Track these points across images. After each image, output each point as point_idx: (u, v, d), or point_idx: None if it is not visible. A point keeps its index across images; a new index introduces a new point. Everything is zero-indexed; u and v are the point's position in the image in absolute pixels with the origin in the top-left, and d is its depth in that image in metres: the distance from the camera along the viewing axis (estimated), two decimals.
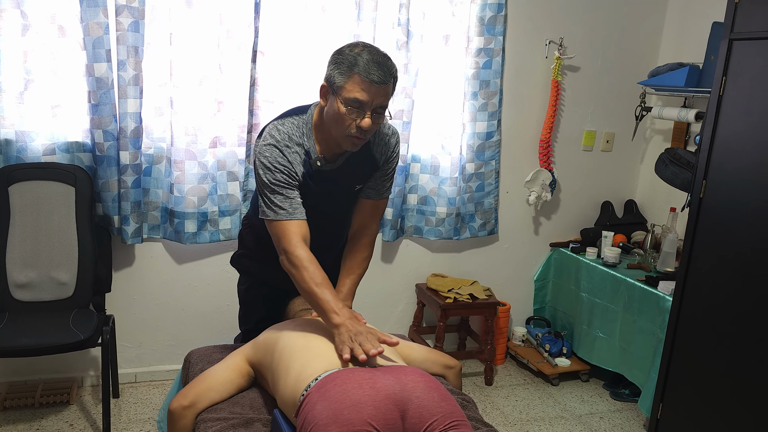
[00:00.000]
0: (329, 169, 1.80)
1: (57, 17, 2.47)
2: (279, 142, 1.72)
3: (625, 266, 3.14)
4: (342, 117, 1.62)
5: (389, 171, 1.93)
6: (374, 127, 1.66)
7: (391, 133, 1.90)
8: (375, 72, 1.59)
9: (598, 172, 3.54)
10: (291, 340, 1.55)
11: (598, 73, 3.38)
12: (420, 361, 1.79)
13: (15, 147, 2.52)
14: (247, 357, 1.63)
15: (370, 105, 1.61)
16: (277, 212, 1.70)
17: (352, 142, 1.66)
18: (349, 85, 1.60)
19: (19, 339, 2.22)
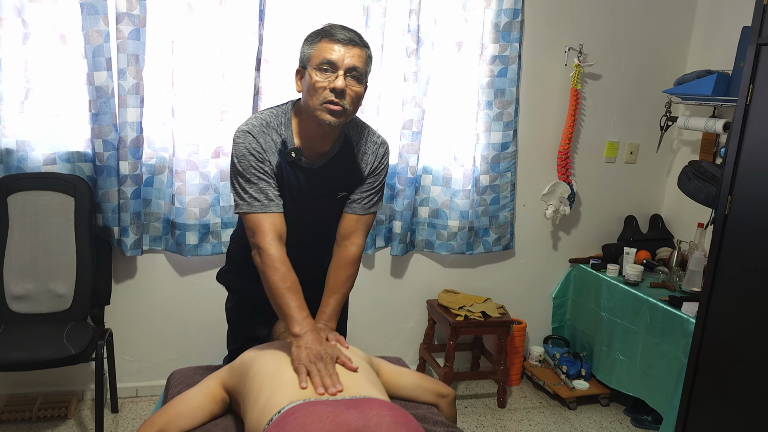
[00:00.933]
0: (309, 167, 1.72)
1: (58, 25, 2.43)
2: (254, 128, 1.68)
3: (648, 285, 2.97)
4: (315, 83, 1.59)
5: (376, 184, 1.83)
6: (352, 95, 1.61)
7: (380, 142, 1.82)
8: (341, 32, 1.61)
9: (621, 185, 3.37)
10: (264, 366, 1.45)
11: (620, 81, 3.22)
12: (410, 388, 1.67)
13: (16, 156, 2.49)
14: (222, 381, 1.53)
15: (341, 64, 1.58)
16: (251, 204, 1.65)
17: (329, 110, 1.60)
18: (317, 50, 1.61)
19: (10, 353, 2.17)
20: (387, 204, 2.96)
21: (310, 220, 1.81)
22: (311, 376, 1.44)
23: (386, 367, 1.69)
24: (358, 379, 1.44)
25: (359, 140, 1.79)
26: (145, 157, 2.63)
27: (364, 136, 1.80)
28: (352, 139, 1.78)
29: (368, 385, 1.43)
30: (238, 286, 1.86)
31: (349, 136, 1.78)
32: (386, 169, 1.85)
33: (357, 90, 1.63)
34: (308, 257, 1.84)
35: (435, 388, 1.70)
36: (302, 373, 1.44)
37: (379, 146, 1.81)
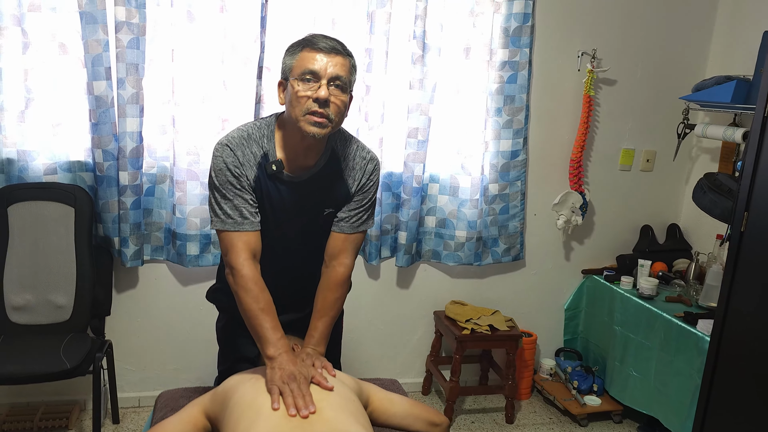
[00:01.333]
0: (292, 181, 1.66)
1: (57, 35, 2.41)
2: (233, 140, 1.63)
3: (663, 299, 2.86)
4: (297, 94, 1.54)
5: (365, 202, 1.76)
6: (336, 105, 1.56)
7: (369, 158, 1.75)
8: (323, 41, 1.57)
9: (637, 194, 3.26)
10: (244, 396, 1.40)
11: (636, 86, 3.11)
12: (401, 416, 1.60)
13: (17, 166, 2.48)
14: (204, 409, 1.49)
15: (324, 73, 1.54)
16: (225, 221, 1.62)
17: (312, 121, 1.54)
18: (298, 60, 1.56)
19: (5, 366, 2.16)
20: (392, 214, 2.90)
21: (295, 238, 1.75)
22: (284, 397, 1.40)
23: (376, 394, 1.63)
24: (338, 413, 1.38)
25: (347, 155, 1.72)
26: (146, 166, 2.60)
27: (352, 151, 1.73)
28: (339, 153, 1.72)
29: (348, 419, 1.37)
30: (226, 305, 1.81)
31: (336, 150, 1.72)
32: (376, 186, 1.78)
33: (341, 99, 1.58)
34: (294, 276, 1.79)
35: (427, 417, 1.63)
36: (275, 394, 1.41)
37: (367, 162, 1.75)
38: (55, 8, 2.38)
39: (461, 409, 3.04)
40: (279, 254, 1.73)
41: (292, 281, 1.79)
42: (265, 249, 1.69)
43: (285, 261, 1.76)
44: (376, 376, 3.07)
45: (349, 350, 3.01)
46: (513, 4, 2.79)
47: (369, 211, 1.79)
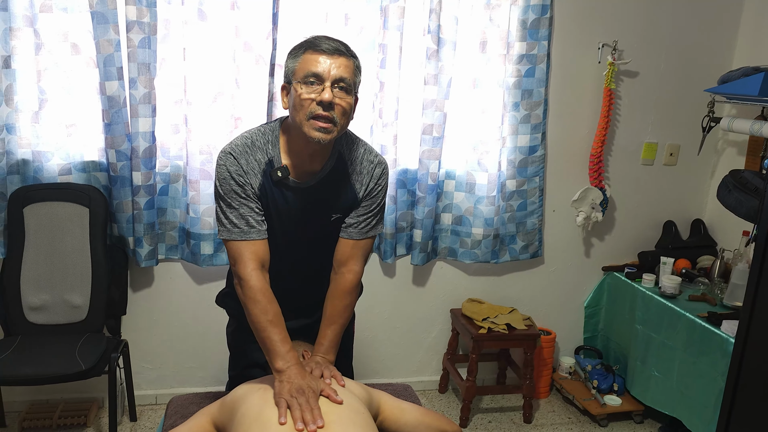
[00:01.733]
0: (298, 187, 1.63)
1: (69, 35, 2.41)
2: (236, 148, 1.60)
3: (686, 297, 2.78)
4: (301, 97, 1.51)
5: (374, 207, 1.72)
6: (341, 108, 1.52)
7: (377, 162, 1.71)
8: (324, 42, 1.53)
9: (659, 189, 3.17)
10: (251, 408, 1.38)
11: (659, 78, 3.01)
12: (412, 425, 1.57)
13: (32, 167, 2.49)
14: (213, 418, 1.47)
15: (327, 76, 1.50)
16: (231, 230, 1.60)
17: (317, 127, 1.51)
18: (301, 63, 1.53)
19: (21, 368, 2.17)
20: (408, 211, 2.86)
21: (303, 245, 1.73)
22: (291, 411, 1.37)
23: (387, 402, 1.60)
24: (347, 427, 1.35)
25: (354, 159, 1.69)
26: (159, 166, 2.59)
27: (359, 155, 1.70)
28: (345, 157, 1.68)
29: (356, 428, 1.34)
30: (236, 311, 1.80)
31: (342, 153, 1.68)
32: (384, 190, 1.75)
33: (346, 102, 1.54)
34: (303, 282, 1.77)
35: (438, 425, 1.60)
36: (282, 407, 1.38)
37: (375, 166, 1.70)
38: (66, 8, 2.37)
39: (478, 407, 3.01)
40: (288, 261, 1.71)
41: (301, 287, 1.76)
42: (274, 256, 1.66)
43: (294, 267, 1.74)
44: (392, 375, 3.07)
45: (365, 348, 3.00)
46: None
47: (378, 216, 1.75)
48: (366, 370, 3.03)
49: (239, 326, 1.81)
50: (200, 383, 2.87)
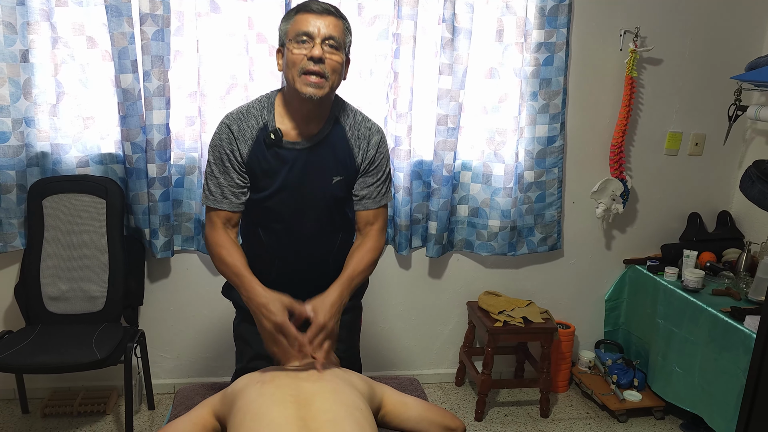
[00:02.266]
0: (293, 148, 1.68)
1: (85, 28, 2.43)
2: (231, 116, 1.70)
3: (709, 291, 2.71)
4: (293, 53, 1.59)
5: (381, 176, 1.78)
6: (332, 63, 1.59)
7: (375, 129, 1.78)
8: (315, 4, 1.62)
9: (684, 179, 3.08)
10: (248, 402, 1.38)
11: (684, 66, 2.92)
12: (415, 420, 1.56)
13: (51, 159, 2.53)
14: (214, 410, 1.48)
15: (317, 34, 1.58)
16: (208, 197, 1.71)
17: (308, 82, 1.58)
18: (293, 24, 1.61)
19: (39, 356, 2.22)
20: (423, 203, 2.83)
21: (307, 213, 1.74)
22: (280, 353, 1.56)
23: (391, 397, 1.59)
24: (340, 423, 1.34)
25: (351, 124, 1.75)
26: (174, 158, 2.61)
27: (357, 121, 1.76)
28: (343, 122, 1.74)
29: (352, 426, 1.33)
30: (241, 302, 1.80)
31: (340, 119, 1.74)
32: (386, 158, 1.80)
33: (335, 58, 1.61)
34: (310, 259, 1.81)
35: (442, 421, 1.58)
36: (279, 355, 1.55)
37: (373, 133, 1.76)
38: (82, 2, 2.40)
39: (495, 401, 2.98)
40: (294, 234, 1.75)
41: (308, 264, 1.80)
42: (279, 230, 1.73)
43: (300, 241, 1.77)
44: (408, 367, 3.07)
45: (380, 340, 2.99)
46: None
47: (387, 183, 1.81)
48: (382, 361, 3.02)
49: (244, 318, 1.82)
50: (216, 373, 2.90)
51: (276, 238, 1.77)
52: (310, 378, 1.49)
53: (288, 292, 1.63)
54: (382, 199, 1.80)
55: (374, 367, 2.99)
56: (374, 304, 2.95)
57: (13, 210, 2.50)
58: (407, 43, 2.57)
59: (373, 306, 2.95)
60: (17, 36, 2.34)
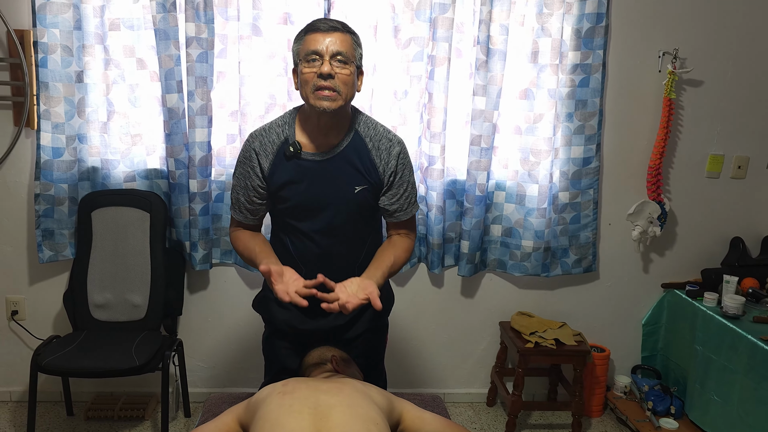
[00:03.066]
0: (314, 160, 1.75)
1: (135, 50, 2.57)
2: (256, 132, 1.82)
3: (750, 318, 2.63)
4: (304, 73, 1.68)
5: (406, 186, 1.84)
6: (342, 77, 1.66)
7: (395, 141, 1.83)
8: (322, 23, 1.69)
9: (726, 203, 3.01)
10: (268, 411, 1.43)
11: (726, 87, 2.87)
12: None
13: (100, 174, 2.67)
14: (238, 417, 1.53)
15: (325, 51, 1.65)
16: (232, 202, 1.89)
17: (321, 96, 1.66)
18: (303, 45, 1.69)
19: (81, 361, 2.34)
20: (456, 222, 2.85)
21: (332, 225, 1.79)
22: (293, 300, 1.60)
23: (410, 412, 1.61)
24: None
25: (372, 136, 1.80)
26: (215, 174, 2.72)
27: (378, 133, 1.81)
28: (363, 134, 1.80)
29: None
30: (269, 314, 1.86)
31: (360, 132, 1.80)
32: (410, 169, 1.86)
33: (345, 72, 1.67)
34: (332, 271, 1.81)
35: None
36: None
37: (394, 144, 1.81)
38: (133, 26, 2.54)
39: (526, 423, 2.95)
40: (319, 242, 1.80)
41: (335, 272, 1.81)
42: (305, 239, 1.80)
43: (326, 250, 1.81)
44: (439, 385, 3.07)
45: (412, 358, 3.01)
46: (585, 4, 2.66)
47: (413, 193, 1.88)
48: (412, 379, 3.04)
49: (273, 332, 1.88)
50: (251, 384, 2.96)
51: (302, 246, 1.82)
52: (330, 391, 1.52)
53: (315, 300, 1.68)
54: (411, 209, 1.87)
55: (405, 384, 3.01)
56: (406, 321, 2.98)
57: (64, 221, 2.64)
58: (442, 65, 2.61)
59: (404, 323, 2.98)
60: (73, 58, 2.50)
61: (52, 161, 2.56)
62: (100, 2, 2.50)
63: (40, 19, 2.44)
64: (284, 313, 1.82)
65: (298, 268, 1.83)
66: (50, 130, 2.53)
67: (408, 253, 1.87)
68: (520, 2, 2.66)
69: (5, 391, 2.91)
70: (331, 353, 1.77)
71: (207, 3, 2.49)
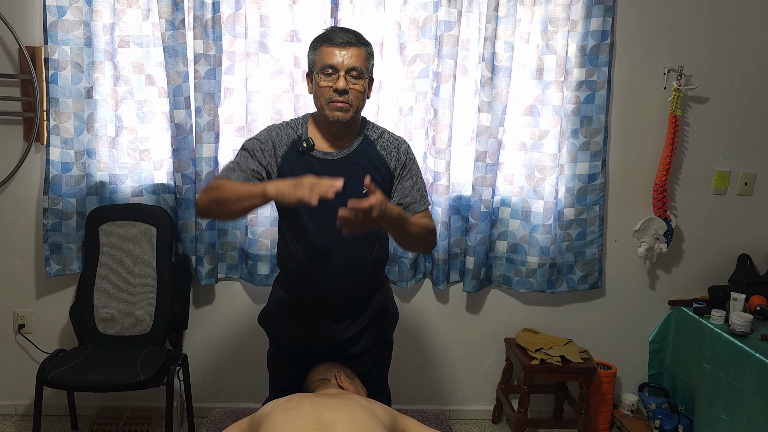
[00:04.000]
0: (325, 158, 1.82)
1: (144, 67, 2.60)
2: (270, 126, 1.89)
3: (758, 336, 2.61)
4: (320, 85, 1.75)
5: (417, 179, 1.90)
6: (355, 92, 1.75)
7: (402, 140, 1.94)
8: (339, 36, 1.75)
9: (733, 220, 3.00)
10: (272, 426, 1.43)
11: (732, 104, 2.87)
12: None
13: (108, 189, 2.69)
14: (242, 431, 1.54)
15: (341, 66, 1.73)
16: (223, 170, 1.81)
17: (335, 107, 1.74)
18: (319, 56, 1.77)
19: (87, 375, 2.34)
20: (461, 237, 2.86)
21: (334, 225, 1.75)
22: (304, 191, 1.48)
23: (413, 429, 1.61)
24: None
25: (378, 138, 1.90)
26: None
27: (385, 137, 1.91)
28: (370, 137, 1.89)
29: None
30: (274, 329, 1.87)
31: (368, 136, 1.89)
32: (416, 163, 1.94)
33: (358, 87, 1.77)
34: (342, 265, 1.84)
35: None
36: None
37: (401, 142, 1.92)
38: (142, 43, 2.57)
39: None
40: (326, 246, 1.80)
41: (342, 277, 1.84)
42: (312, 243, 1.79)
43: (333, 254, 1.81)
44: (444, 402, 3.06)
45: (417, 374, 3.00)
46: (590, 22, 2.68)
47: (423, 186, 1.93)
48: (417, 395, 3.03)
49: (277, 349, 1.88)
50: (255, 399, 2.94)
51: (310, 251, 1.82)
52: (334, 407, 1.53)
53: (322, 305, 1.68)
54: (425, 201, 1.90)
55: (409, 400, 3.00)
56: (411, 337, 2.98)
57: (72, 235, 2.66)
58: (447, 82, 2.63)
59: (409, 339, 2.97)
60: (83, 74, 2.53)
61: (61, 176, 2.58)
62: (111, 20, 2.53)
63: (52, 36, 2.48)
64: (289, 328, 1.83)
65: (305, 274, 1.83)
66: (59, 145, 2.56)
67: (425, 229, 1.80)
68: (525, 20, 2.69)
69: (10, 405, 2.91)
70: (335, 369, 1.78)
71: (215, 21, 2.52)
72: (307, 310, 1.83)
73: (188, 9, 2.54)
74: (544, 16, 2.67)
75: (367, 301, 1.90)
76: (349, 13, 2.62)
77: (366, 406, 1.56)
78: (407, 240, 1.74)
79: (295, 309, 1.86)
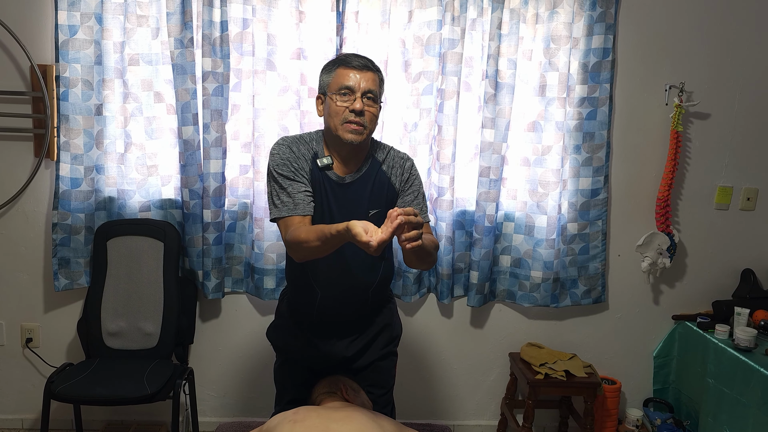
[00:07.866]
0: (337, 181, 1.85)
1: (153, 84, 2.65)
2: (287, 139, 1.88)
3: (762, 351, 2.61)
4: (337, 105, 1.78)
5: (419, 195, 1.94)
6: (370, 114, 1.78)
7: (406, 157, 1.98)
8: (355, 59, 1.81)
9: (736, 235, 3.02)
10: None
11: (733, 119, 2.90)
12: None
13: (116, 204, 2.73)
14: None
15: (358, 88, 1.78)
16: (281, 209, 1.78)
17: (350, 129, 1.77)
18: (335, 78, 1.81)
19: (93, 389, 2.35)
20: (465, 252, 2.88)
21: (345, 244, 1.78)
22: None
23: None
24: None
25: (385, 159, 1.93)
26: (228, 204, 2.77)
27: (391, 155, 1.95)
28: (378, 158, 1.93)
29: None
30: (281, 342, 1.89)
31: (376, 157, 1.93)
32: (419, 179, 1.97)
33: (373, 110, 1.82)
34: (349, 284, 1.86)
35: None
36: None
37: (405, 160, 1.96)
38: (151, 61, 2.62)
39: None
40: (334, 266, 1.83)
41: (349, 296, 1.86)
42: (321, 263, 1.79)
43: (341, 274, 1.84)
44: (448, 416, 3.05)
45: (421, 388, 3.01)
46: (592, 39, 2.72)
47: (425, 203, 1.97)
48: (421, 410, 3.02)
49: (284, 362, 1.90)
50: (262, 413, 2.97)
51: (318, 271, 1.85)
52: (340, 420, 1.54)
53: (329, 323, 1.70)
54: (424, 216, 1.91)
55: (414, 414, 3.00)
56: (415, 351, 2.99)
57: (80, 250, 2.69)
58: (451, 98, 2.67)
59: (413, 353, 2.98)
60: (93, 92, 2.58)
61: (70, 191, 2.62)
62: (121, 38, 2.58)
63: (63, 54, 2.53)
64: (296, 341, 1.85)
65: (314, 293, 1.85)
66: (69, 161, 2.60)
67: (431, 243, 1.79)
68: (527, 37, 2.73)
69: (17, 419, 2.93)
70: (341, 382, 1.79)
71: (223, 39, 2.57)
72: (314, 325, 1.85)
73: (197, 28, 2.59)
74: (547, 33, 2.71)
75: (373, 316, 1.93)
76: (354, 32, 2.66)
77: (373, 419, 1.58)
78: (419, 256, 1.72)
79: (302, 323, 1.88)
